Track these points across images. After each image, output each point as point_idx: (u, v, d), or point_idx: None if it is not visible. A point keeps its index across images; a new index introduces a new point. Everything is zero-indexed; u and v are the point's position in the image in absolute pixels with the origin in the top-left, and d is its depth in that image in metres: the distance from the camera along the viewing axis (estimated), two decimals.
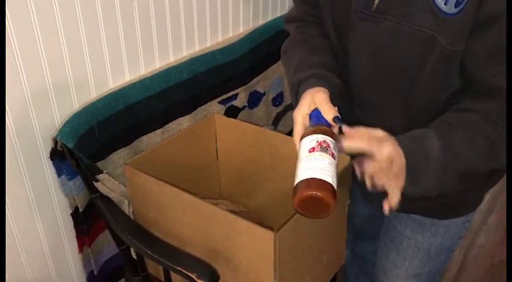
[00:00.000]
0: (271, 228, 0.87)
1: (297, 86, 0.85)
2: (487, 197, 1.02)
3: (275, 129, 1.61)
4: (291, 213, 0.88)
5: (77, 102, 1.09)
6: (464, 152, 0.75)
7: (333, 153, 0.71)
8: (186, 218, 0.98)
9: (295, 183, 0.69)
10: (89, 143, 1.05)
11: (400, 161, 0.72)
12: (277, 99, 1.59)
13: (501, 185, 0.98)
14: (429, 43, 0.74)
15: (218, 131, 1.28)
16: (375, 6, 0.77)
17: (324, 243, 1.04)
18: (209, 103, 1.32)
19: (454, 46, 0.73)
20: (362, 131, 0.74)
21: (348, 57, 0.86)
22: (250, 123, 1.29)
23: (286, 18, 1.01)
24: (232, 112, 1.40)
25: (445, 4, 0.71)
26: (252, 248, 0.89)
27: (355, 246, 1.31)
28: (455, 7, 0.70)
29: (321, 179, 0.67)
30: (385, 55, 0.79)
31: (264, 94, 1.52)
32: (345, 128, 0.74)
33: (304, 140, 0.74)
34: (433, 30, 0.73)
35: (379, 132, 0.74)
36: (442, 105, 0.81)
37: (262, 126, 1.42)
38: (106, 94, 1.12)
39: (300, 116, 0.78)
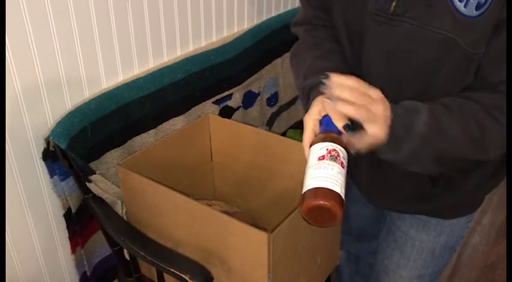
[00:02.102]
0: (265, 229, 0.87)
1: (308, 92, 0.85)
2: None
3: (270, 129, 1.60)
4: (285, 214, 0.88)
5: (69, 102, 1.08)
6: (451, 134, 0.75)
7: (342, 162, 0.70)
8: (180, 219, 0.98)
9: (303, 191, 0.69)
10: (82, 143, 1.04)
11: (387, 111, 0.71)
12: (272, 100, 1.59)
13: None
14: (448, 45, 0.73)
15: (212, 132, 1.28)
16: (392, 8, 0.76)
17: (318, 244, 1.04)
18: (203, 103, 1.32)
19: (476, 48, 0.73)
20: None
21: (360, 60, 0.85)
22: (245, 123, 1.29)
23: (294, 22, 1.00)
24: (226, 112, 1.40)
25: (464, 7, 0.70)
26: (246, 249, 0.89)
27: (350, 247, 1.31)
28: (476, 10, 0.70)
29: (329, 189, 0.67)
30: (402, 58, 0.79)
31: (258, 94, 1.52)
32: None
33: (313, 147, 0.73)
34: (453, 33, 0.72)
35: (377, 92, 0.73)
36: None
37: (256, 126, 1.41)
38: (99, 94, 1.11)
39: (310, 121, 0.77)
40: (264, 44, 1.49)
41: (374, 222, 1.17)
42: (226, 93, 1.38)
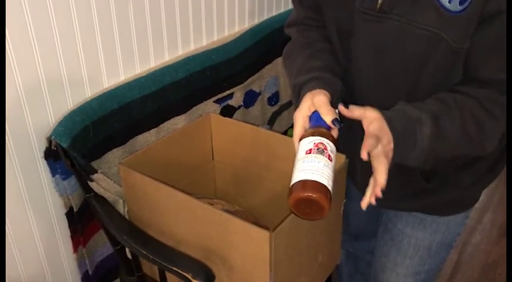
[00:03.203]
0: (266, 228, 0.87)
1: (298, 89, 0.86)
2: (482, 196, 1.03)
3: (271, 128, 1.61)
4: (287, 213, 0.88)
5: (71, 102, 1.08)
6: (454, 139, 0.77)
7: (329, 155, 0.71)
8: (181, 218, 0.98)
9: (291, 184, 0.70)
10: (84, 142, 1.04)
11: (389, 144, 0.74)
12: (273, 99, 1.59)
13: (496, 183, 0.99)
14: (434, 41, 0.75)
15: (214, 131, 1.28)
16: (378, 6, 0.77)
17: (320, 242, 1.04)
18: (204, 102, 1.32)
19: (461, 43, 0.74)
20: (357, 112, 0.76)
21: (350, 58, 0.86)
22: (246, 122, 1.29)
23: (287, 23, 1.02)
24: (227, 111, 1.40)
25: (449, 2, 0.72)
26: (248, 247, 0.89)
27: (349, 246, 1.31)
28: (460, 5, 0.72)
29: (315, 181, 0.68)
30: (389, 54, 0.80)
31: (259, 93, 1.52)
32: (341, 108, 0.76)
33: (302, 141, 0.74)
34: (438, 28, 0.74)
35: (372, 113, 0.75)
36: None
37: (257, 125, 1.42)
38: (101, 93, 1.11)
39: (300, 117, 0.79)
40: (265, 43, 1.50)
41: (372, 221, 1.18)
42: (228, 92, 1.38)
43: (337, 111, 0.77)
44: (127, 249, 1.09)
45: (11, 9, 0.91)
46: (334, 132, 0.77)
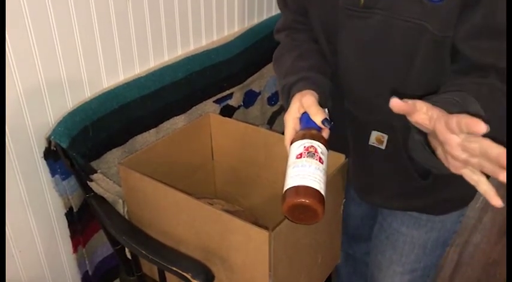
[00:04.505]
0: (266, 228, 0.87)
1: (287, 91, 0.86)
2: (482, 196, 1.03)
3: (271, 128, 1.60)
4: None
5: (71, 102, 1.08)
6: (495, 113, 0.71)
7: (320, 158, 0.71)
8: (181, 218, 0.98)
9: (284, 190, 0.70)
10: (83, 142, 1.04)
11: None
12: (273, 99, 1.59)
13: (496, 183, 0.98)
14: (419, 32, 0.75)
15: (213, 131, 1.28)
16: (362, 1, 0.78)
17: (320, 242, 1.04)
18: (204, 102, 1.32)
19: (444, 32, 0.74)
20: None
21: (337, 56, 0.86)
22: (246, 122, 1.29)
23: (275, 29, 1.03)
24: (227, 111, 1.40)
25: None
26: (247, 247, 0.89)
27: (347, 247, 1.31)
28: None
29: (308, 186, 0.67)
30: (375, 49, 0.80)
31: (259, 93, 1.52)
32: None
33: (292, 145, 0.74)
34: (422, 19, 0.74)
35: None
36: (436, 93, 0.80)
37: (257, 125, 1.41)
38: (100, 93, 1.11)
39: (290, 120, 0.79)
40: (264, 43, 1.49)
41: (369, 222, 1.18)
42: (227, 92, 1.38)
43: (326, 110, 0.77)
44: (127, 250, 1.09)
45: (10, 8, 0.91)
46: (325, 132, 0.76)
